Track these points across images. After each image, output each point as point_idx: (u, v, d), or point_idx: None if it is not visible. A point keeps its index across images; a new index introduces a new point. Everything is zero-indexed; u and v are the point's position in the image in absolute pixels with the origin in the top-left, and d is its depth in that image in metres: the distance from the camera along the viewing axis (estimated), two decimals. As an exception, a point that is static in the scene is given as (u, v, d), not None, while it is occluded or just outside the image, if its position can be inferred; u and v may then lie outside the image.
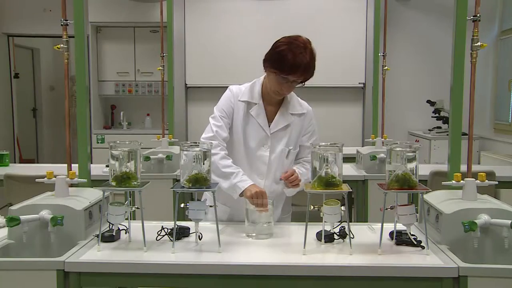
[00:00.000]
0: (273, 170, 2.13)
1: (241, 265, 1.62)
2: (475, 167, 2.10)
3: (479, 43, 1.97)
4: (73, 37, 2.05)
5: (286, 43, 2.01)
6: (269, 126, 2.13)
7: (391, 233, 1.84)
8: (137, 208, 1.78)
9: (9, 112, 6.53)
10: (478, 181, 1.88)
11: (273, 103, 2.17)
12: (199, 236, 1.80)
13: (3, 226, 1.98)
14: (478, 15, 1.97)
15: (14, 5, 6.37)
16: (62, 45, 2.07)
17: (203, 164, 1.73)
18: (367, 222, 3.17)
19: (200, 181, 1.71)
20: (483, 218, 1.71)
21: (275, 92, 2.09)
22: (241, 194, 1.97)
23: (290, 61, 1.96)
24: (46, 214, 1.75)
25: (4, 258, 1.69)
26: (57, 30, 2.23)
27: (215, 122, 2.11)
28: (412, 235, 1.76)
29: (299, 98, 2.25)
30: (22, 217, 1.70)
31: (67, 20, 2.08)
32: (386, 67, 4.07)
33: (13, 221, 1.68)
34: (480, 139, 5.69)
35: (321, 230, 1.80)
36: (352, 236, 1.74)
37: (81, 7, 2.05)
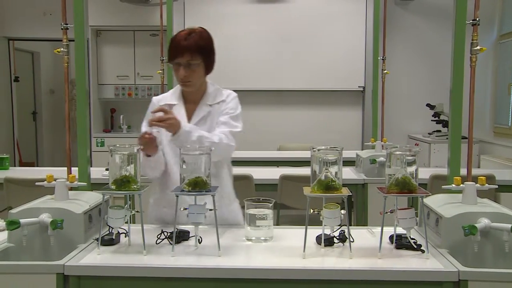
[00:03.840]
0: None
1: (241, 269, 1.62)
2: (475, 171, 2.10)
3: (478, 47, 1.97)
4: (73, 40, 2.05)
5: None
6: (189, 122, 2.16)
7: (391, 237, 1.84)
8: (137, 211, 1.77)
9: (9, 116, 6.54)
10: (478, 184, 1.88)
11: (196, 100, 2.21)
12: (198, 239, 1.80)
13: (3, 230, 1.98)
14: (477, 19, 1.98)
15: (15, 8, 6.37)
16: (62, 49, 2.07)
17: (203, 168, 1.73)
18: (366, 225, 3.16)
19: (200, 185, 1.71)
20: (483, 222, 1.71)
21: (180, 82, 2.15)
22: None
23: (172, 45, 2.09)
24: (46, 217, 1.75)
25: (4, 261, 1.68)
26: (57, 34, 2.23)
27: None
28: (412, 238, 1.76)
29: (222, 89, 2.27)
30: (22, 221, 1.70)
31: (67, 24, 2.08)
32: (385, 71, 4.07)
33: (13, 225, 1.67)
34: (480, 142, 5.70)
35: (321, 234, 1.80)
36: (352, 240, 1.74)
37: (81, 11, 2.05)
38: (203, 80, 2.19)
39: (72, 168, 2.09)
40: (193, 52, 2.08)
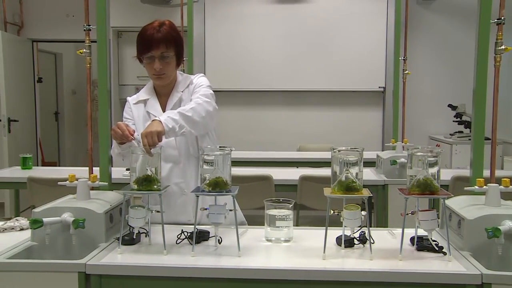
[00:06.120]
0: (183, 152, 2.16)
1: (261, 269, 1.61)
2: (498, 172, 2.06)
3: (503, 47, 1.94)
4: (95, 41, 2.08)
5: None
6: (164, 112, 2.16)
7: (411, 239, 1.82)
8: (157, 211, 1.78)
9: (33, 116, 6.65)
10: (501, 186, 1.84)
11: (167, 93, 2.22)
12: (218, 239, 1.80)
13: (27, 228, 2.02)
14: (502, 18, 1.94)
15: (38, 11, 6.49)
16: (84, 50, 2.09)
17: (223, 168, 1.73)
18: (387, 227, 3.14)
19: (220, 185, 1.71)
20: (507, 225, 1.68)
21: (153, 77, 2.15)
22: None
23: (144, 38, 2.10)
24: (68, 216, 1.77)
25: (27, 259, 1.71)
26: (79, 35, 2.26)
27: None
28: (434, 240, 1.74)
29: (192, 75, 2.28)
30: (45, 220, 1.72)
31: (89, 25, 2.10)
32: (406, 71, 4.03)
33: (36, 223, 1.70)
34: (504, 143, 5.60)
35: (341, 235, 1.79)
36: (372, 241, 1.73)
37: (103, 12, 2.07)
38: (175, 72, 2.21)
39: (94, 168, 2.11)
40: (168, 44, 2.10)
